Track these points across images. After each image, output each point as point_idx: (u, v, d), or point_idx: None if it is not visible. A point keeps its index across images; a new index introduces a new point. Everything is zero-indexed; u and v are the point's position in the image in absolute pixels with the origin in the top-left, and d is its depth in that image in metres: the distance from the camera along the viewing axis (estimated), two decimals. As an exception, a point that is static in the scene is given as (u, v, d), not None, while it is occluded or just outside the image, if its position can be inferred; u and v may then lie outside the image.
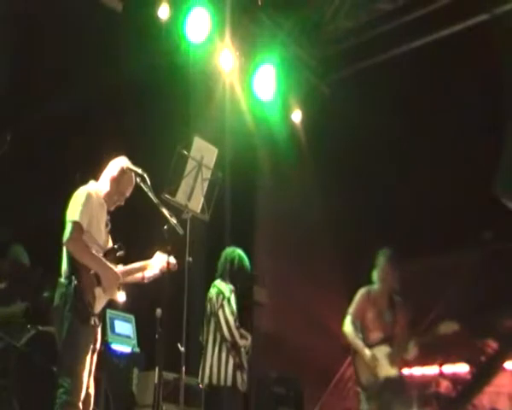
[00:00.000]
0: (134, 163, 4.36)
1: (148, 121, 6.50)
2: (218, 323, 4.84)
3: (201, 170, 5.03)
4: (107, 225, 4.24)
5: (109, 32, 6.45)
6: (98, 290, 3.97)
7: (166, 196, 4.74)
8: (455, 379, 9.35)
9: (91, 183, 4.28)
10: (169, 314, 4.13)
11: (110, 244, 4.26)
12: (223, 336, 4.88)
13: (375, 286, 5.52)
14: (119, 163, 4.35)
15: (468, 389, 9.18)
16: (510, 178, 7.30)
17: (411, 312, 5.80)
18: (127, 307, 6.00)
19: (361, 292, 5.54)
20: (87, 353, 3.88)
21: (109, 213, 4.28)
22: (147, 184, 4.30)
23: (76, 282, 3.85)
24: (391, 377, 5.24)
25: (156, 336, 4.15)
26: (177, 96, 6.87)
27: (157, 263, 4.34)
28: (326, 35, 8.82)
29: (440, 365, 9.19)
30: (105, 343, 5.68)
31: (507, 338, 9.25)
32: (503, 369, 9.39)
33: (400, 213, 9.73)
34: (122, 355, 5.85)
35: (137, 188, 4.31)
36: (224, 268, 5.15)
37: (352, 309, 5.50)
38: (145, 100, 6.63)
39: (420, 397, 8.27)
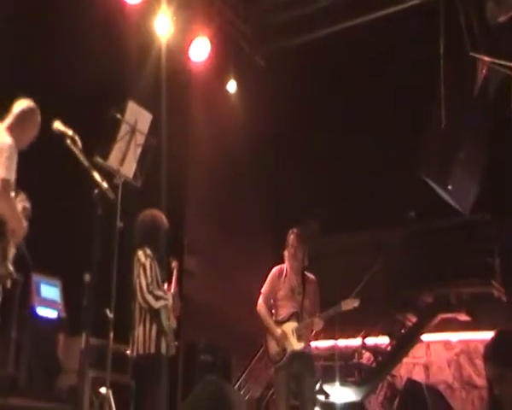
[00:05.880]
0: (66, 124, 4.24)
1: (80, 84, 6.31)
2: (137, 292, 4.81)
3: (135, 135, 4.96)
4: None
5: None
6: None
7: (98, 159, 4.65)
8: (376, 351, 9.70)
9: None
10: (98, 280, 4.07)
11: None
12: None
13: (287, 264, 5.64)
14: (27, 107, 4.21)
15: (388, 360, 9.53)
16: (434, 160, 7.55)
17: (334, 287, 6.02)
18: (54, 271, 5.91)
19: (273, 271, 5.69)
20: None
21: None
22: (78, 146, 4.19)
23: None
24: (297, 351, 5.42)
25: (84, 301, 4.08)
26: (112, 59, 6.70)
27: None
28: (263, 5, 8.82)
29: (363, 337, 9.48)
30: (30, 307, 5.58)
31: (425, 312, 9.65)
32: (420, 341, 9.80)
33: (331, 188, 9.93)
34: (48, 320, 5.74)
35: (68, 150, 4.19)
36: (139, 234, 5.01)
37: (264, 289, 5.65)
38: (78, 62, 6.43)
39: (343, 367, 8.55)
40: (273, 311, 5.62)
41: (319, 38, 8.73)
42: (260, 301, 5.61)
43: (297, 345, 5.41)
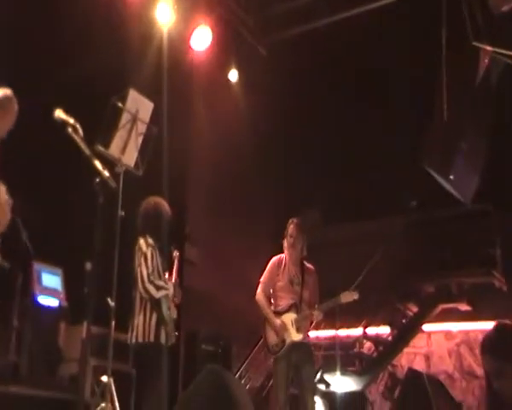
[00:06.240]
0: (67, 113, 4.22)
1: (82, 72, 6.29)
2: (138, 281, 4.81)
3: (136, 124, 4.93)
4: None
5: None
6: None
7: (100, 147, 4.63)
8: (377, 340, 9.72)
9: None
10: (99, 268, 4.07)
11: None
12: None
13: (286, 254, 5.62)
14: (4, 95, 4.16)
15: (389, 349, 9.55)
16: (436, 150, 7.52)
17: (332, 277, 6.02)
18: (55, 260, 5.91)
19: (272, 261, 5.67)
20: None
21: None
22: (79, 134, 4.18)
23: None
24: (296, 342, 5.42)
25: (85, 290, 4.08)
26: (114, 48, 6.67)
27: None
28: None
29: (364, 327, 9.50)
30: (31, 296, 5.58)
31: (426, 302, 9.66)
32: (421, 331, 9.82)
33: (332, 178, 9.92)
34: (49, 309, 5.75)
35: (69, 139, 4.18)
36: (141, 222, 5.02)
37: (263, 278, 5.63)
38: (80, 51, 6.41)
39: (344, 357, 8.57)
40: (272, 301, 5.61)
41: (320, 28, 8.68)
42: (259, 290, 5.59)
43: (296, 336, 5.41)
